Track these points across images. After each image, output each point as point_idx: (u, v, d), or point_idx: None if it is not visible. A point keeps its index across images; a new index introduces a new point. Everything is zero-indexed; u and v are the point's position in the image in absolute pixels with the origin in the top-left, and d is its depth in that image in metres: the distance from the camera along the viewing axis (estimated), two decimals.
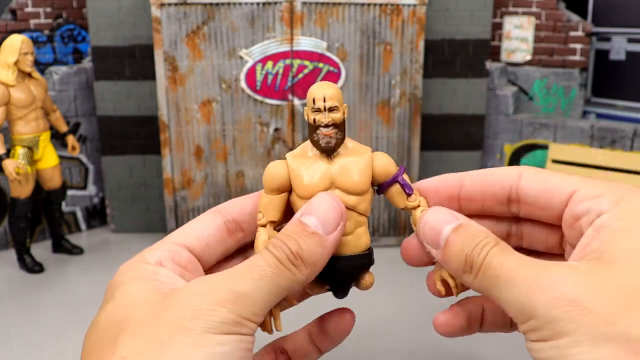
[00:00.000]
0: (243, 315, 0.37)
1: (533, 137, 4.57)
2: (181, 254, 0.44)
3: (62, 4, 4.77)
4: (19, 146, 3.76)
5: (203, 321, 0.36)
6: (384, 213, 4.42)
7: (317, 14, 4.03)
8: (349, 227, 0.45)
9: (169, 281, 0.41)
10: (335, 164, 0.45)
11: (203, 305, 0.37)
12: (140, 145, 4.57)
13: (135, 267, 0.42)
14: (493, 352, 3.13)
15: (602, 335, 0.32)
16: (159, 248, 0.44)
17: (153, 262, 0.43)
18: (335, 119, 0.45)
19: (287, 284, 0.40)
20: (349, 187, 0.45)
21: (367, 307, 3.56)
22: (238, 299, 0.37)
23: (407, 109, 4.23)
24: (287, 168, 0.46)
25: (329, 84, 0.46)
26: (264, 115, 4.17)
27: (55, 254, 4.26)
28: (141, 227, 4.67)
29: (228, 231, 0.47)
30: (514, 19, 4.77)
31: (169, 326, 0.36)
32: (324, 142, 0.45)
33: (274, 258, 0.40)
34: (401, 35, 4.10)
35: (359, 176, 0.45)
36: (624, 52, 4.77)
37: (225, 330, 0.36)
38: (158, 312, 0.37)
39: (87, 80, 4.57)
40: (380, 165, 0.47)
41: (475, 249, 0.39)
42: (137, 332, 0.36)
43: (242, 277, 0.38)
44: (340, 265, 0.45)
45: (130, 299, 0.39)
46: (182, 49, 4.04)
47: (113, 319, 0.38)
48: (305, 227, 0.41)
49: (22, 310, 3.53)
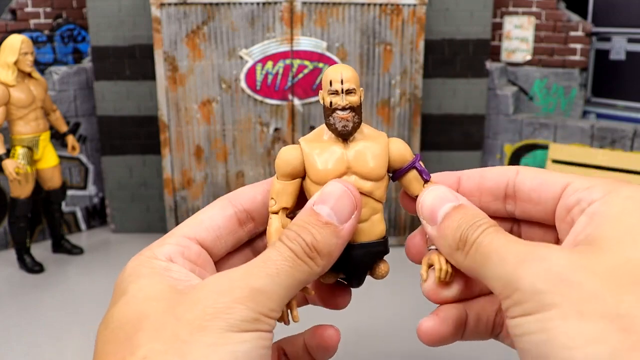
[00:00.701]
0: (262, 312, 0.37)
1: (533, 137, 4.57)
2: (191, 248, 0.43)
3: (62, 4, 4.77)
4: (18, 146, 3.76)
5: (222, 320, 0.35)
6: (384, 213, 4.42)
7: (317, 14, 4.03)
8: (364, 214, 0.44)
9: (181, 277, 0.40)
10: (351, 149, 0.44)
11: (221, 304, 0.36)
12: (140, 145, 4.57)
13: (146, 263, 0.41)
14: (494, 353, 3.12)
15: (590, 310, 0.31)
16: (168, 242, 0.43)
17: (163, 258, 0.42)
18: (353, 102, 0.44)
19: (303, 277, 0.39)
20: (365, 172, 0.44)
21: (367, 307, 3.56)
22: (256, 296, 0.37)
23: (407, 109, 4.23)
24: (301, 153, 0.44)
25: (346, 66, 0.45)
26: (264, 115, 4.17)
27: (55, 254, 4.26)
28: (141, 227, 4.67)
29: (239, 222, 0.46)
30: (514, 19, 4.77)
31: (188, 325, 0.35)
32: (341, 125, 0.44)
33: (289, 251, 0.39)
34: (401, 35, 4.09)
35: (376, 161, 0.44)
36: (624, 52, 4.77)
37: (245, 328, 0.36)
38: (175, 310, 0.36)
39: (87, 80, 4.57)
40: (396, 151, 0.45)
41: (470, 227, 0.39)
42: (156, 331, 0.36)
43: (258, 273, 0.38)
44: (355, 253, 0.44)
45: (145, 295, 0.38)
46: (182, 49, 4.04)
47: (128, 316, 0.37)
48: (318, 217, 0.40)
49: (22, 310, 3.53)
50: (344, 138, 0.45)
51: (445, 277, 0.43)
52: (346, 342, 3.19)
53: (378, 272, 0.47)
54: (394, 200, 4.39)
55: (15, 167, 3.64)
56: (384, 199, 0.45)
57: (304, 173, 0.45)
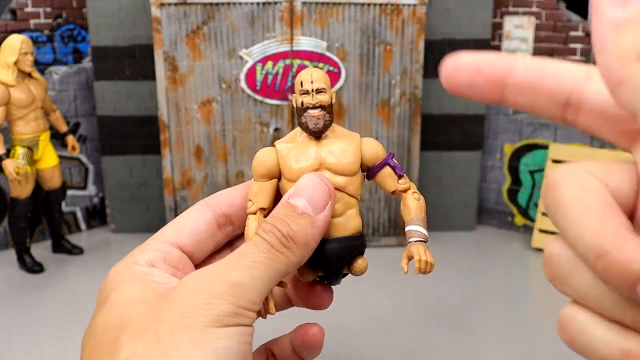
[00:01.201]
0: (242, 305, 0.37)
1: (533, 137, 4.57)
2: (172, 253, 0.44)
3: (62, 4, 4.77)
4: (18, 146, 3.76)
5: (203, 316, 0.35)
6: (384, 213, 4.42)
7: (317, 14, 4.03)
8: (338, 209, 0.45)
9: (162, 281, 0.40)
10: (323, 147, 0.46)
11: (200, 300, 0.36)
12: (140, 145, 4.57)
13: (127, 269, 0.41)
14: (493, 354, 3.13)
15: None
16: (150, 248, 0.43)
17: (144, 263, 0.42)
18: (323, 100, 0.46)
19: (281, 268, 0.39)
20: (337, 167, 0.45)
21: (367, 307, 3.56)
22: (235, 290, 0.37)
23: (407, 109, 4.23)
24: (276, 154, 0.46)
25: (315, 69, 0.47)
26: (264, 115, 4.18)
27: (55, 254, 4.26)
28: (141, 227, 4.67)
29: (218, 225, 0.46)
30: (514, 19, 4.77)
31: (169, 325, 0.35)
32: (312, 123, 0.45)
33: (265, 243, 0.39)
34: (401, 35, 4.10)
35: (348, 157, 0.46)
36: None
37: (226, 322, 0.36)
38: (156, 312, 0.36)
39: (87, 80, 4.57)
40: (369, 149, 0.47)
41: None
42: (137, 333, 0.36)
43: (236, 267, 0.38)
44: (330, 247, 0.44)
45: (127, 300, 0.38)
46: (182, 49, 4.04)
47: (111, 321, 0.38)
48: (294, 208, 0.41)
49: (22, 310, 3.53)
50: (316, 136, 0.46)
51: (425, 268, 0.44)
52: (345, 343, 3.19)
53: (356, 268, 0.46)
54: (394, 200, 4.39)
55: (15, 167, 3.64)
56: (358, 194, 0.46)
57: (280, 174, 0.46)
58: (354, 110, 4.20)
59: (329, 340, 3.18)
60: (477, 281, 3.94)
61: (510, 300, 3.69)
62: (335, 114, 4.20)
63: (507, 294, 3.76)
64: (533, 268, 4.24)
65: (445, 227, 4.76)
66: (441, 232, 4.72)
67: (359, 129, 4.23)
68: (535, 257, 4.32)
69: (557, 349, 3.09)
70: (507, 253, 4.42)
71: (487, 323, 3.40)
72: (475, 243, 4.62)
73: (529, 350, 3.11)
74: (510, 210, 4.78)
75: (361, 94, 4.18)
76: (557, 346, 3.11)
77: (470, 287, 3.84)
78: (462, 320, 3.43)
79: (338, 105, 4.18)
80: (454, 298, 3.69)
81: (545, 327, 3.31)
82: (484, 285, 3.87)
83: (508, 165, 4.72)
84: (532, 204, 4.64)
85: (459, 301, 3.65)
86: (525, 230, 4.69)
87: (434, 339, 3.24)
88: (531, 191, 4.64)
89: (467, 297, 3.71)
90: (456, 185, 4.72)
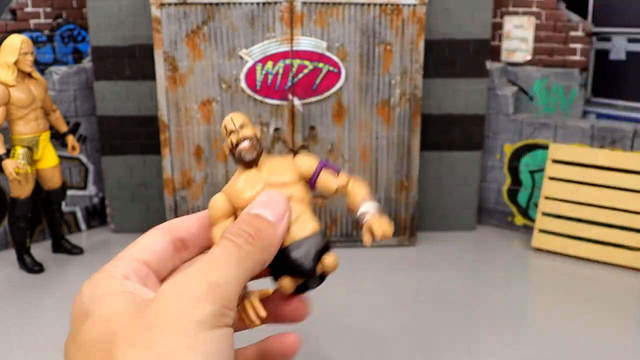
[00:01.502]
0: (224, 305, 0.38)
1: (533, 137, 4.57)
2: (141, 269, 0.45)
3: (62, 4, 4.77)
4: (18, 146, 3.76)
5: (193, 320, 0.36)
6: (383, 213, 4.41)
7: (317, 14, 4.03)
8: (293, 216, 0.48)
9: (138, 292, 0.41)
10: (263, 171, 0.51)
11: (186, 304, 0.36)
12: (140, 145, 4.57)
13: (104, 282, 0.42)
14: (493, 353, 3.12)
15: None
16: (121, 264, 0.44)
17: (119, 275, 0.43)
18: (248, 134, 0.51)
19: (250, 266, 0.41)
20: (279, 180, 0.50)
21: (366, 307, 3.56)
22: (214, 290, 0.38)
23: (407, 109, 4.23)
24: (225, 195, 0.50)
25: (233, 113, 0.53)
26: (264, 115, 4.17)
27: (55, 254, 4.26)
28: (141, 227, 4.67)
29: (175, 248, 0.48)
30: (514, 19, 4.77)
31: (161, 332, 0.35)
32: (247, 155, 0.51)
33: (232, 244, 0.41)
34: (401, 35, 4.09)
35: (286, 170, 0.51)
36: (624, 52, 4.77)
37: (215, 323, 0.36)
38: (143, 320, 0.37)
39: (87, 80, 4.57)
40: (303, 163, 0.52)
41: None
42: (129, 343, 0.36)
43: (211, 268, 0.39)
44: (295, 249, 0.47)
45: (110, 312, 0.39)
46: (182, 49, 4.04)
47: (98, 335, 0.38)
48: (256, 215, 0.44)
49: (22, 310, 3.53)
50: (252, 165, 0.51)
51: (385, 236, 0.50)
52: (345, 343, 3.19)
53: (326, 264, 0.48)
54: (394, 201, 4.39)
55: (15, 167, 3.64)
56: (306, 200, 0.50)
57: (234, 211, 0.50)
58: (354, 110, 4.20)
59: (329, 340, 3.18)
60: (477, 281, 3.94)
61: (510, 299, 3.69)
62: (336, 114, 4.20)
63: (507, 294, 3.76)
64: (533, 268, 4.24)
65: (445, 227, 4.76)
66: (441, 232, 4.72)
67: (359, 128, 4.23)
68: (535, 257, 4.32)
69: (556, 347, 3.09)
70: (507, 253, 4.42)
71: (487, 322, 3.40)
72: (475, 243, 4.62)
73: (529, 349, 3.11)
74: (510, 210, 4.78)
75: (361, 94, 4.18)
76: (556, 345, 3.11)
77: (470, 287, 3.85)
78: (463, 319, 3.43)
79: (338, 105, 4.19)
80: (454, 298, 3.69)
81: (545, 326, 3.31)
82: (484, 285, 3.88)
83: (508, 165, 4.72)
84: (532, 204, 4.64)
85: (459, 301, 3.65)
86: (525, 230, 4.69)
87: (434, 338, 3.24)
88: (531, 191, 4.64)
89: (467, 297, 3.71)
90: (456, 185, 4.71)
